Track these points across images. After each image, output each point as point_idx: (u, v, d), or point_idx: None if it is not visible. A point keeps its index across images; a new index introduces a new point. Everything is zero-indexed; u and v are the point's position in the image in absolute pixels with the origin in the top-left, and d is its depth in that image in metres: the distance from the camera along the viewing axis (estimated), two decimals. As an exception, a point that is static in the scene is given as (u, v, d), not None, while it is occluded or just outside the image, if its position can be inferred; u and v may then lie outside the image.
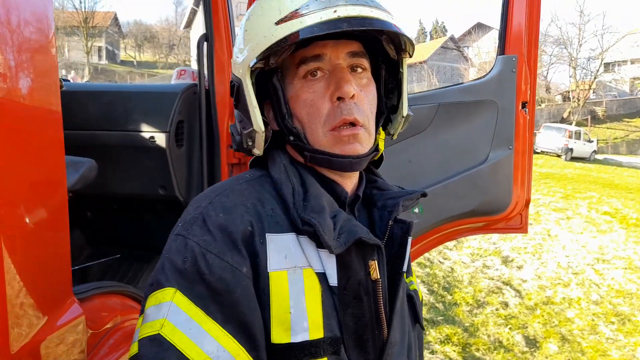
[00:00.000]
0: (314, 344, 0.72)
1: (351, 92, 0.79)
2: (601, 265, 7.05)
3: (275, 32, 0.77)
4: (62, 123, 0.92)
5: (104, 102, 2.18)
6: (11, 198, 0.79)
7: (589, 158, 22.42)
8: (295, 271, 0.74)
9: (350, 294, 0.76)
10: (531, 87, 1.94)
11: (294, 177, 0.81)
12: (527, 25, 1.91)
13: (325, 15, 0.74)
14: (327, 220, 0.75)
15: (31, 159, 0.85)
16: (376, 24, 0.76)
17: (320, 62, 0.81)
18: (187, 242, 0.71)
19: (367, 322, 0.76)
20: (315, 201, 0.77)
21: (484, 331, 5.03)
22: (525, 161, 1.99)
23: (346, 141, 0.80)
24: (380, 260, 0.78)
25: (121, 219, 2.43)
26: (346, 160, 0.81)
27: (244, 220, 0.74)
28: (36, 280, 0.85)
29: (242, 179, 0.83)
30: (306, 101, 0.81)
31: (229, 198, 0.77)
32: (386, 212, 0.86)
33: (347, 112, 0.79)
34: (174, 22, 53.25)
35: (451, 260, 6.84)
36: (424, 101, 1.96)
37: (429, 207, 1.97)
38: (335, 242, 0.73)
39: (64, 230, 0.93)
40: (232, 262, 0.70)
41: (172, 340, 0.66)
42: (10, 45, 0.79)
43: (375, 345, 0.77)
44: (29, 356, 0.82)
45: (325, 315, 0.73)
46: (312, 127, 0.81)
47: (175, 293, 0.68)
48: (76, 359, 0.95)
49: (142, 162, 2.12)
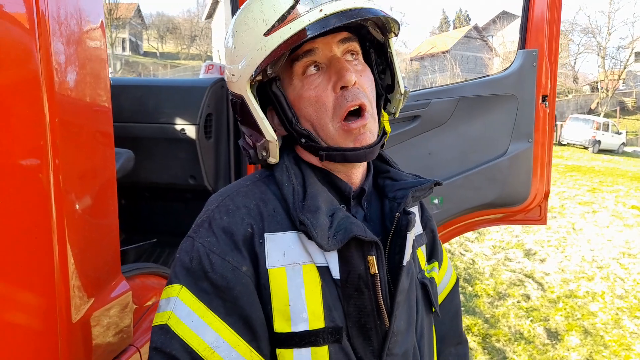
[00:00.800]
0: (314, 333, 0.77)
1: (353, 79, 0.81)
2: (627, 259, 6.93)
3: (267, 44, 0.78)
4: (111, 117, 1.02)
5: (137, 96, 2.29)
6: (72, 188, 0.89)
7: (617, 150, 21.85)
8: (294, 267, 0.79)
9: (351, 286, 0.80)
10: (552, 81, 1.96)
11: (295, 177, 0.84)
12: (548, 19, 1.93)
13: (313, 16, 0.76)
14: (320, 220, 0.78)
15: (87, 150, 0.95)
16: (362, 13, 0.78)
17: (313, 56, 0.83)
18: (194, 243, 0.79)
19: (369, 312, 0.80)
20: (311, 201, 0.80)
21: (505, 323, 5.04)
22: (545, 154, 2.02)
23: (357, 133, 0.82)
24: (378, 256, 0.81)
25: (153, 207, 2.55)
26: (360, 152, 0.83)
27: (244, 223, 0.80)
28: (92, 260, 0.95)
29: (250, 180, 0.88)
30: (310, 98, 0.83)
31: (233, 201, 0.83)
32: (396, 203, 0.88)
33: (352, 98, 0.81)
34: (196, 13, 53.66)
35: (472, 252, 6.83)
36: (445, 95, 2.01)
37: (449, 198, 2.03)
38: (331, 240, 0.77)
39: (114, 215, 1.03)
40: (232, 261, 0.77)
41: (176, 331, 0.75)
42: (62, 40, 0.87)
43: (378, 334, 0.81)
44: (86, 325, 0.93)
45: (326, 307, 0.79)
46: (322, 123, 0.83)
47: (182, 289, 0.77)
48: (124, 328, 1.05)
49: (173, 153, 2.22)
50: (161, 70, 38.72)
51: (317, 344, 0.77)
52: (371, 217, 0.90)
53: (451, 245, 6.89)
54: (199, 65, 38.00)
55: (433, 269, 1.02)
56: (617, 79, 32.04)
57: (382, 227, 0.88)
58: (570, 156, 17.75)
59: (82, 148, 0.94)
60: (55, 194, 0.83)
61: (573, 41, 35.02)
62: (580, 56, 36.22)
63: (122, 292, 1.05)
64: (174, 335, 0.75)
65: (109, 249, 1.03)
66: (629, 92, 34.92)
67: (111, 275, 1.03)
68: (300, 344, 0.77)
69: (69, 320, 0.87)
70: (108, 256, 1.02)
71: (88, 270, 0.94)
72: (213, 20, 36.59)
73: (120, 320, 1.04)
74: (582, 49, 35.27)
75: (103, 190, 1.01)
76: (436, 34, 58.75)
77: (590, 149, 20.22)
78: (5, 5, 0.75)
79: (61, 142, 0.84)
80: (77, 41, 0.92)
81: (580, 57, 36.90)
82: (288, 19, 0.77)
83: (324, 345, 0.78)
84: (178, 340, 0.75)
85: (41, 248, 0.82)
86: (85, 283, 0.92)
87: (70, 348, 0.87)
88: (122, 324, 1.05)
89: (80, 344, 0.91)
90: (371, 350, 0.81)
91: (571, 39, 34.67)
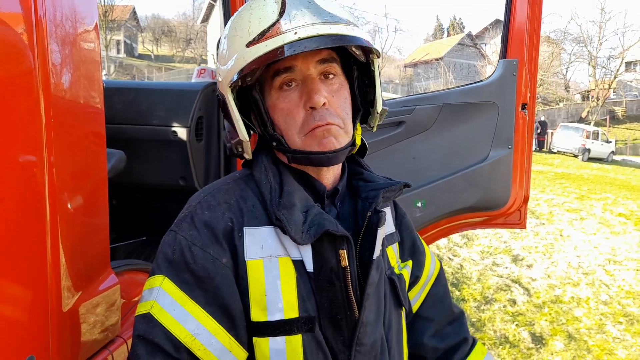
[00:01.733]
0: (289, 322, 0.82)
1: (321, 102, 0.85)
2: (612, 266, 7.05)
3: (245, 55, 0.84)
4: (104, 118, 1.07)
5: (130, 98, 2.34)
6: (65, 186, 0.94)
7: (607, 159, 22.11)
8: (271, 260, 0.84)
9: (324, 279, 0.85)
10: (531, 90, 2.04)
11: (272, 176, 0.90)
12: (528, 31, 2.01)
13: (288, 37, 0.81)
14: (294, 216, 0.83)
15: (80, 150, 1.00)
16: (335, 40, 0.82)
17: (292, 73, 0.87)
18: (177, 237, 0.84)
19: (340, 304, 0.85)
20: (287, 198, 0.86)
21: (491, 327, 5.11)
22: (524, 160, 2.10)
23: (321, 136, 0.87)
24: (349, 250, 0.86)
25: (143, 207, 2.59)
26: (324, 156, 0.88)
27: (225, 217, 0.85)
28: (83, 254, 1.00)
29: (231, 178, 0.94)
30: (283, 110, 0.88)
31: (215, 198, 0.88)
32: (367, 203, 0.93)
33: (319, 119, 0.86)
34: (191, 16, 53.68)
35: (461, 257, 6.91)
36: (429, 102, 2.08)
37: (432, 201, 2.09)
38: (305, 235, 0.82)
39: (105, 213, 1.08)
40: (213, 253, 0.82)
41: (159, 319, 0.80)
42: (58, 42, 0.91)
43: (349, 325, 0.86)
44: (75, 315, 0.97)
45: (300, 298, 0.83)
46: (289, 134, 0.89)
47: (164, 279, 0.82)
48: (112, 319, 1.10)
49: (165, 154, 2.27)
50: (155, 72, 38.65)
51: (291, 333, 0.82)
52: (344, 216, 0.95)
53: (440, 250, 6.97)
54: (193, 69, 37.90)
55: (405, 266, 1.07)
56: (608, 88, 32.46)
57: (354, 225, 0.94)
58: (560, 164, 17.95)
59: (75, 148, 0.99)
60: (50, 191, 0.88)
61: (565, 50, 35.46)
62: (571, 65, 36.66)
63: (111, 286, 1.10)
64: (157, 324, 0.79)
65: (99, 244, 1.08)
66: (619, 101, 35.36)
67: (100, 270, 1.08)
68: (275, 332, 0.82)
69: (60, 310, 0.92)
70: (98, 251, 1.07)
71: (78, 263, 0.98)
72: (208, 24, 36.63)
73: (108, 312, 1.09)
74: (573, 58, 35.73)
75: (95, 189, 1.06)
76: (430, 41, 59.18)
77: (580, 157, 20.46)
78: (4, 7, 0.79)
79: (56, 142, 0.89)
80: (72, 43, 0.96)
81: (571, 66, 37.31)
82: (266, 35, 0.82)
83: (298, 334, 0.82)
84: (160, 328, 0.79)
85: (35, 241, 0.86)
86: (75, 276, 0.97)
87: (60, 336, 0.92)
88: (110, 316, 1.09)
89: (69, 333, 0.96)
90: (342, 340, 0.85)
91: (563, 48, 35.11)
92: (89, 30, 1.02)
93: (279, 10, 0.84)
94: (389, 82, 42.75)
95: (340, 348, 0.85)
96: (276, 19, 0.83)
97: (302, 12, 0.83)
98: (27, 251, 0.85)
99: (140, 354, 0.79)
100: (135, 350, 0.80)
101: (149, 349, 0.79)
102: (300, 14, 0.83)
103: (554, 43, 33.35)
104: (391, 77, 46.14)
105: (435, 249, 6.93)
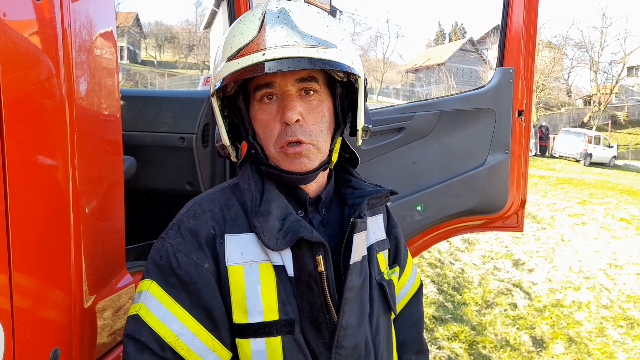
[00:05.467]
0: (268, 324, 0.87)
1: (294, 119, 0.89)
2: (613, 270, 7.08)
3: (224, 69, 0.89)
4: (121, 126, 1.14)
5: (139, 106, 2.41)
6: (87, 192, 1.01)
7: (609, 164, 22.10)
8: (252, 265, 0.88)
9: (303, 283, 0.89)
10: (527, 97, 2.11)
11: (254, 185, 0.94)
12: (524, 40, 2.08)
13: (256, 58, 0.84)
14: (269, 223, 0.88)
15: (100, 157, 1.07)
16: (300, 64, 0.84)
17: (271, 88, 0.91)
18: (164, 244, 0.91)
19: (319, 307, 0.89)
20: (264, 207, 0.90)
21: (492, 330, 5.15)
22: (521, 164, 2.16)
23: (292, 157, 0.91)
24: (326, 255, 0.89)
25: (151, 211, 2.65)
26: (294, 177, 0.92)
27: (208, 225, 0.90)
28: (102, 254, 1.07)
29: (219, 188, 0.99)
30: (262, 121, 0.93)
31: (200, 206, 0.94)
32: (353, 209, 0.97)
33: (290, 135, 0.90)
34: (194, 22, 54.00)
35: (462, 261, 6.96)
36: (428, 108, 2.15)
37: (431, 205, 2.16)
38: (280, 241, 0.86)
39: (121, 216, 1.15)
40: (196, 259, 0.88)
41: (146, 320, 0.86)
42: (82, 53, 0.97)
43: (329, 328, 0.89)
44: (96, 311, 1.04)
45: (280, 302, 0.87)
46: (266, 144, 0.94)
47: (152, 283, 0.89)
48: (129, 317, 1.17)
49: (172, 160, 2.34)
50: (158, 78, 38.86)
51: (270, 335, 0.87)
52: (329, 222, 0.99)
53: (441, 254, 7.01)
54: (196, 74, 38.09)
55: (394, 272, 1.11)
56: (610, 93, 32.50)
57: (340, 231, 0.98)
58: (562, 169, 17.98)
59: (96, 154, 1.05)
60: (73, 196, 0.95)
61: (567, 55, 35.53)
62: (573, 70, 36.74)
63: (126, 284, 1.17)
64: (144, 324, 0.86)
65: (116, 245, 1.15)
66: (621, 106, 35.41)
67: (117, 269, 1.15)
68: (255, 334, 0.87)
69: (82, 306, 0.99)
70: (115, 252, 1.14)
71: (98, 263, 1.05)
72: (211, 30, 36.84)
73: (125, 308, 1.15)
74: (575, 63, 35.80)
75: (112, 193, 1.12)
76: (432, 47, 59.37)
77: (582, 161, 20.47)
78: (33, 20, 0.85)
79: (79, 149, 0.96)
80: (93, 53, 1.02)
81: (573, 71, 37.41)
82: (241, 53, 0.87)
83: (277, 336, 0.87)
84: (147, 329, 0.85)
85: (60, 242, 0.93)
86: (95, 275, 1.04)
87: (82, 331, 0.99)
88: (126, 312, 1.16)
89: (90, 328, 1.02)
90: (322, 342, 0.90)
91: (564, 53, 35.19)
92: (108, 39, 1.08)
93: (258, 28, 0.87)
94: (390, 87, 42.90)
95: (321, 350, 0.89)
96: (253, 37, 0.87)
97: (276, 33, 0.86)
98: (53, 251, 0.91)
99: (129, 352, 0.85)
100: (125, 348, 0.87)
101: (137, 347, 0.85)
102: (274, 35, 0.85)
103: (555, 48, 33.44)
104: (393, 82, 46.27)
105: (436, 253, 6.98)
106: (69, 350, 0.95)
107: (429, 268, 6.37)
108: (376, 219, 1.09)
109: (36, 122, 0.86)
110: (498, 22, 2.23)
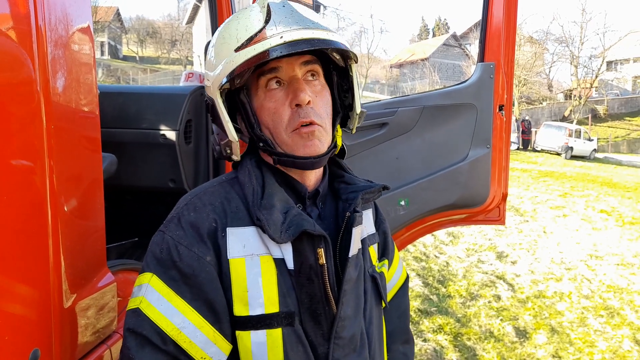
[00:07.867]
0: (269, 317, 0.88)
1: (306, 99, 0.92)
2: (594, 261, 7.23)
3: (235, 59, 0.90)
4: (99, 122, 1.12)
5: (119, 102, 2.38)
6: (64, 190, 0.99)
7: (589, 157, 22.54)
8: (253, 258, 0.89)
9: (304, 276, 0.90)
10: (507, 92, 2.14)
11: (255, 179, 0.94)
12: (504, 36, 2.10)
13: (274, 41, 0.87)
14: (273, 216, 0.88)
15: (78, 154, 1.05)
16: (318, 43, 0.89)
17: (277, 72, 0.93)
18: (164, 237, 0.90)
19: (319, 299, 0.90)
20: (267, 200, 0.91)
21: (476, 322, 5.23)
22: (502, 159, 2.19)
23: (306, 137, 0.93)
24: (327, 248, 0.91)
25: (133, 209, 2.63)
26: (308, 161, 0.94)
27: (209, 218, 0.90)
28: (82, 253, 1.05)
29: (217, 181, 0.99)
30: (270, 109, 0.94)
31: (200, 200, 0.94)
32: (347, 204, 0.99)
33: (304, 116, 0.92)
34: (177, 17, 53.31)
35: (446, 254, 7.04)
36: (410, 104, 2.16)
37: (414, 199, 2.17)
38: (284, 234, 0.87)
39: (101, 214, 1.14)
40: (198, 252, 0.88)
41: (147, 314, 0.86)
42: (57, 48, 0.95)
43: (327, 319, 0.91)
44: (76, 311, 1.03)
45: (281, 294, 0.89)
46: (277, 131, 0.94)
47: (152, 277, 0.88)
48: (110, 315, 1.16)
49: (154, 157, 2.31)
50: (141, 74, 38.32)
51: (271, 327, 0.88)
52: (325, 216, 1.01)
53: (426, 248, 7.08)
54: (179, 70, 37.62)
55: (383, 265, 1.14)
56: (590, 87, 33.06)
57: (335, 225, 0.99)
58: (543, 162, 18.28)
59: (73, 152, 1.04)
60: (50, 194, 0.93)
61: (547, 50, 36.00)
62: (554, 65, 37.26)
63: (107, 284, 1.15)
64: (145, 318, 0.85)
65: (97, 244, 1.13)
66: (600, 100, 36.03)
67: (98, 268, 1.14)
68: (256, 326, 0.88)
69: (61, 306, 0.97)
70: (95, 251, 1.13)
71: (78, 262, 1.04)
72: (194, 25, 36.45)
73: (106, 308, 1.14)
74: (556, 58, 36.31)
75: (92, 191, 1.11)
76: (416, 42, 59.63)
77: (563, 155, 20.84)
78: (5, 15, 0.83)
79: (56, 147, 0.94)
80: (70, 49, 1.01)
81: (554, 66, 37.94)
82: (254, 40, 0.89)
83: (278, 327, 0.88)
84: (149, 322, 0.85)
85: (38, 242, 0.91)
86: (75, 274, 1.02)
87: (62, 331, 0.97)
88: (108, 312, 1.15)
89: (70, 328, 1.01)
90: (321, 333, 0.91)
91: (546, 48, 35.65)
92: (84, 34, 1.07)
93: (264, 19, 0.91)
94: (375, 83, 42.99)
95: (320, 341, 0.91)
96: (262, 25, 0.90)
97: (286, 19, 0.90)
98: (31, 251, 0.90)
99: (130, 346, 0.85)
100: (126, 342, 0.86)
101: (138, 341, 0.84)
102: (285, 21, 0.90)
103: (536, 43, 33.87)
104: (377, 78, 46.38)
105: (421, 247, 7.04)
106: (49, 351, 0.94)
107: (414, 261, 6.43)
108: (367, 214, 1.10)
109: (11, 120, 0.85)
110: (480, 18, 2.25)
